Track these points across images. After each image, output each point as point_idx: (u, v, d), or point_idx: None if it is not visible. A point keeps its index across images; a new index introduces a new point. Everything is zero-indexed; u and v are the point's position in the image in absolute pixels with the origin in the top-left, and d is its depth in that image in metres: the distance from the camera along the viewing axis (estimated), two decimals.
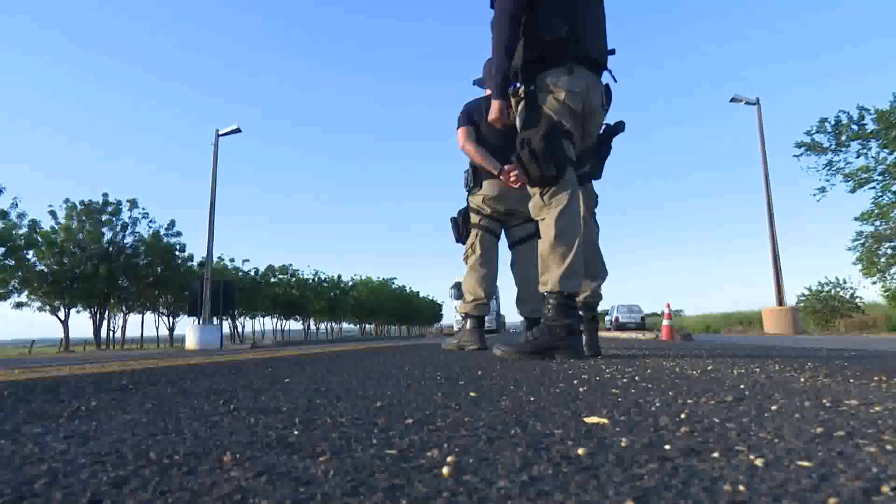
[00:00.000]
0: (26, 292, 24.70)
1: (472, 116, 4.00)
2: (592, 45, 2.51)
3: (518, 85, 2.55)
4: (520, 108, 2.58)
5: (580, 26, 2.46)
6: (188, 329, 15.88)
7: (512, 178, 3.82)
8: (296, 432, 0.89)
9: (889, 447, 0.69)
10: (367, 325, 58.57)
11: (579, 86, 2.46)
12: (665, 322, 10.11)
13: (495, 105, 2.64)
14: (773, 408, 1.01)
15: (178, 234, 29.47)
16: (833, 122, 18.05)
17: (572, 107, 2.47)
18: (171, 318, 34.85)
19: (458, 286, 29.22)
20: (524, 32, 2.49)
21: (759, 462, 0.64)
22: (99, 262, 25.36)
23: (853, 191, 18.26)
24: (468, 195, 4.12)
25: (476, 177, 4.01)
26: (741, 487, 0.54)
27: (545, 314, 2.49)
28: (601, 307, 2.96)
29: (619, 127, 2.66)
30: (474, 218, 4.08)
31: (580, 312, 2.55)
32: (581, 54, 2.47)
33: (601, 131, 2.66)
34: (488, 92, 4.16)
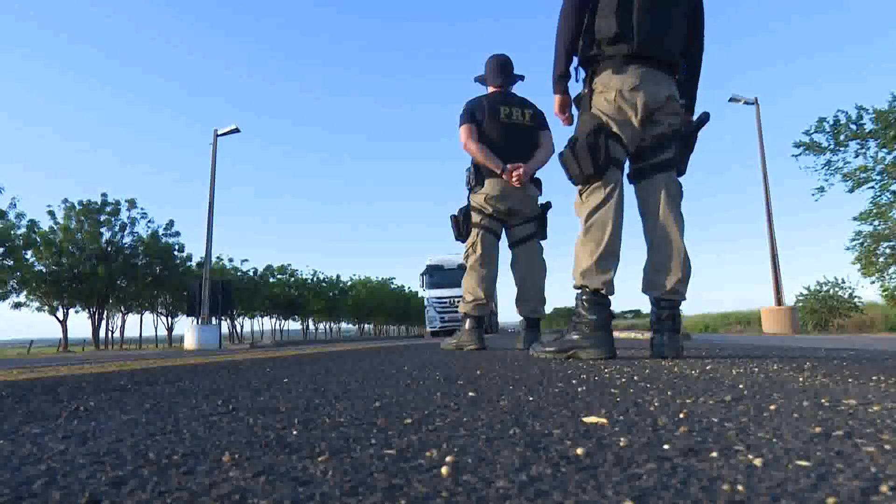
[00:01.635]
0: (25, 292, 24.70)
1: (474, 114, 3.97)
2: (651, 41, 2.46)
3: (584, 88, 2.62)
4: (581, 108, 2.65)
5: (635, 23, 2.43)
6: (187, 329, 15.87)
7: (514, 178, 3.81)
8: (294, 432, 0.89)
9: (887, 447, 0.69)
10: (365, 325, 58.57)
11: (629, 83, 2.46)
12: None
13: (555, 99, 2.70)
14: (772, 407, 1.01)
15: (177, 234, 29.47)
16: (831, 122, 18.06)
17: (623, 106, 2.48)
18: (169, 318, 34.87)
19: (430, 271, 24.11)
20: (583, 30, 2.52)
21: (757, 462, 0.64)
22: (97, 262, 25.34)
23: (851, 190, 18.28)
24: (469, 193, 4.11)
25: (478, 175, 3.99)
26: (740, 487, 0.54)
27: (575, 310, 2.51)
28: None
29: (704, 118, 2.63)
30: (475, 217, 4.07)
31: (612, 308, 2.52)
32: (633, 50, 2.45)
33: (682, 126, 2.60)
34: (490, 89, 4.15)
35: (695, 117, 2.67)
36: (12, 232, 22.54)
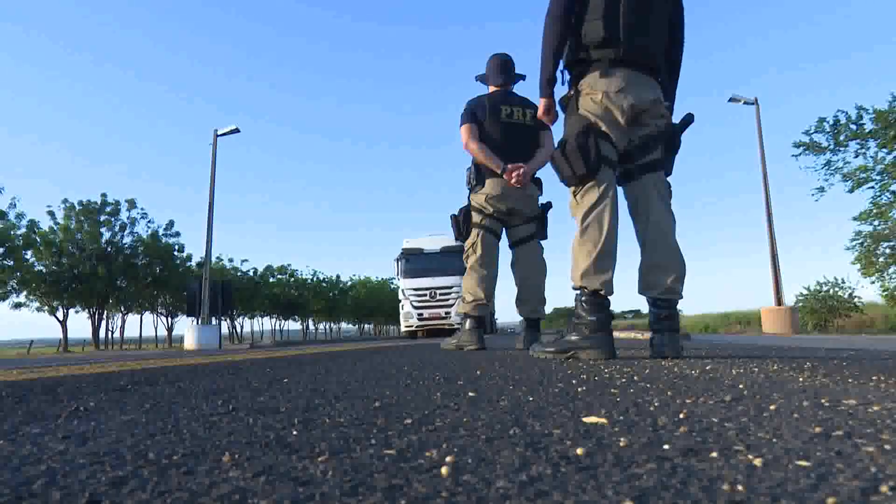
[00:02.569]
0: (25, 292, 24.70)
1: (475, 113, 3.97)
2: (636, 45, 2.49)
3: (569, 90, 2.63)
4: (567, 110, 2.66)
5: (621, 27, 2.46)
6: (187, 329, 15.87)
7: (514, 178, 3.81)
8: (294, 432, 0.89)
9: (887, 447, 0.69)
10: (365, 325, 58.59)
11: (615, 86, 2.48)
12: None
13: (541, 102, 2.71)
14: (772, 407, 1.01)
15: (177, 234, 29.48)
16: (831, 122, 18.07)
17: (609, 106, 2.49)
18: (169, 319, 34.89)
19: (406, 255, 18.84)
20: (570, 34, 2.54)
21: (757, 462, 0.64)
22: (97, 262, 25.34)
23: (851, 191, 18.28)
24: (470, 193, 4.10)
25: (478, 175, 3.98)
26: (740, 487, 0.54)
27: (574, 311, 2.52)
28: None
29: (689, 120, 2.65)
30: (476, 217, 4.06)
31: (611, 309, 2.52)
32: (619, 55, 2.47)
33: (668, 127, 2.62)
34: (492, 88, 4.15)
35: (675, 118, 2.68)
36: (12, 232, 22.54)
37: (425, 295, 18.54)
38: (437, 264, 18.29)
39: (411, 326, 18.62)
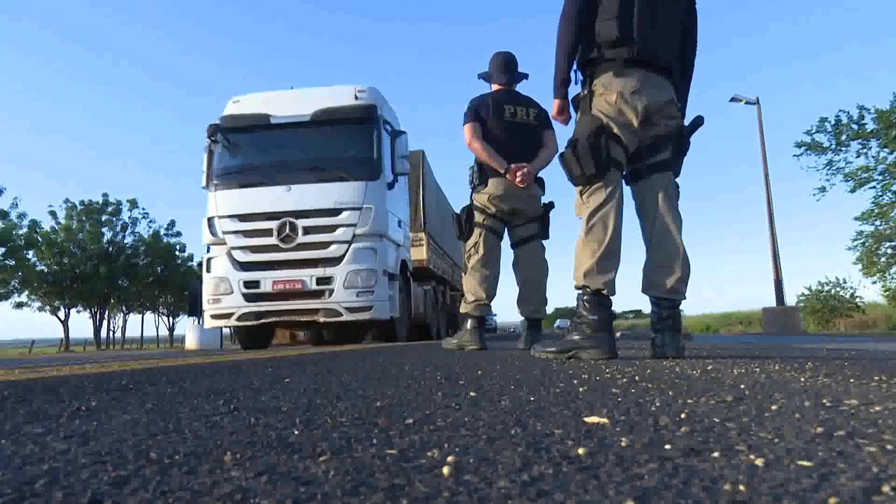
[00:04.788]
0: (26, 292, 24.78)
1: (478, 112, 3.95)
2: (650, 45, 2.49)
3: (582, 90, 2.63)
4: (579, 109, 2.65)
5: (635, 27, 2.46)
6: (188, 329, 15.90)
7: (518, 178, 3.80)
8: (296, 432, 0.89)
9: (889, 447, 0.69)
10: None
11: (630, 87, 2.48)
12: None
13: (555, 103, 2.72)
14: (774, 407, 1.01)
15: (178, 234, 29.56)
16: (833, 122, 18.06)
17: (623, 108, 2.49)
18: (170, 318, 34.97)
19: (226, 133, 7.00)
20: (584, 34, 2.54)
21: (759, 462, 0.64)
22: (99, 262, 25.41)
23: (853, 190, 18.29)
24: (472, 193, 4.10)
25: (481, 174, 3.97)
26: (741, 487, 0.54)
27: (576, 310, 2.52)
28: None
29: (699, 122, 2.65)
30: (478, 217, 4.05)
31: (612, 308, 2.52)
32: (633, 54, 2.47)
33: (679, 129, 2.62)
34: (495, 87, 4.14)
35: (686, 120, 2.68)
36: (14, 232, 22.60)
37: (269, 232, 7.17)
38: (301, 152, 7.48)
39: (228, 312, 7.42)
